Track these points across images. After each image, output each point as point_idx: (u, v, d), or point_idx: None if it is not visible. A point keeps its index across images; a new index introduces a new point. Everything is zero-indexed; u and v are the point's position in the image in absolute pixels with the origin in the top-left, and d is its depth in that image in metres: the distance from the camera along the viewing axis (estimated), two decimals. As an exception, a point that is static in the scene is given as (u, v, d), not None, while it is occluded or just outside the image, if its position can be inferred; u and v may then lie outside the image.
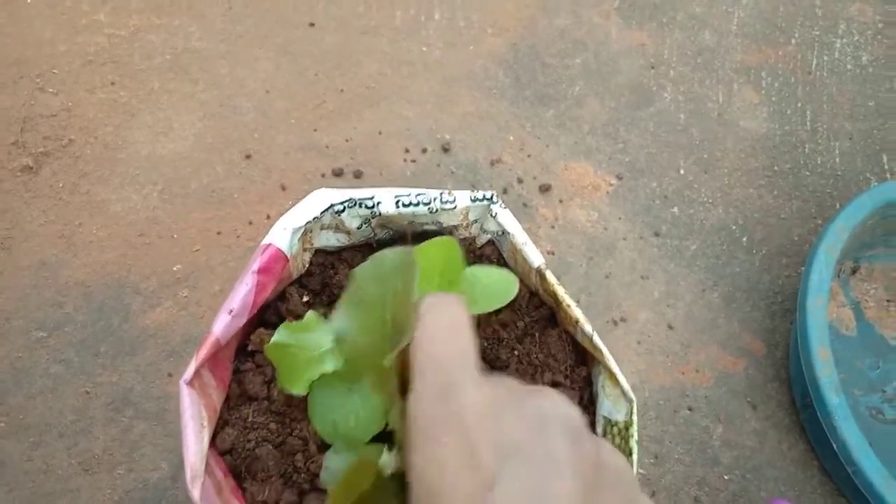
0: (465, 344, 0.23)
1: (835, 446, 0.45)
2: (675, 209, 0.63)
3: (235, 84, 0.64)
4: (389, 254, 0.27)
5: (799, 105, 0.71)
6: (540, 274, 0.35)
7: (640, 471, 0.51)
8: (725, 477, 0.52)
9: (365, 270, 0.27)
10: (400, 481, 0.29)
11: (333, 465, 0.29)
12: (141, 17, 0.66)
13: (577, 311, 0.34)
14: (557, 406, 0.21)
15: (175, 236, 0.56)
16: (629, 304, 0.58)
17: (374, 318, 0.26)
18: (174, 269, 0.55)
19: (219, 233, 0.57)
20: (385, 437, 0.30)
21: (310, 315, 0.31)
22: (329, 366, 0.29)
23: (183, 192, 0.58)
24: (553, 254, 0.59)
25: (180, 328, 0.52)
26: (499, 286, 0.33)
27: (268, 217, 0.57)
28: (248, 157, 0.60)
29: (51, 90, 0.61)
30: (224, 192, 0.58)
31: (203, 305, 0.53)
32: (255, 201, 0.58)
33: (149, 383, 0.50)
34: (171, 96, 0.62)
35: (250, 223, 0.57)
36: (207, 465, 0.29)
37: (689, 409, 0.54)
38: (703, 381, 0.55)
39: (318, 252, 0.37)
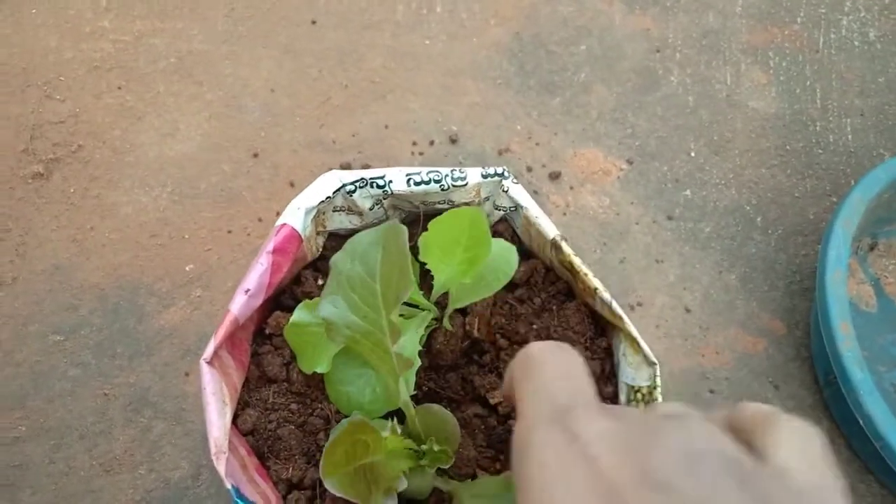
0: (583, 382, 0.20)
1: (861, 421, 0.44)
2: (688, 192, 0.62)
3: (240, 84, 0.64)
4: (363, 234, 0.27)
5: (808, 84, 0.70)
6: (555, 245, 0.35)
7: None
8: (750, 458, 0.51)
9: (342, 254, 0.27)
10: (408, 456, 0.29)
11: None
12: (144, 22, 0.67)
13: (594, 280, 0.34)
14: (709, 437, 0.16)
15: (186, 236, 0.56)
16: (645, 288, 0.57)
17: (362, 294, 0.26)
18: (186, 268, 0.55)
19: (229, 231, 0.57)
20: (400, 415, 0.30)
21: None
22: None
23: (192, 192, 0.58)
24: (566, 241, 0.59)
25: (195, 327, 0.52)
26: (499, 259, 0.33)
27: (277, 214, 0.57)
28: (255, 155, 0.60)
29: (58, 97, 0.61)
30: (233, 191, 0.58)
31: (217, 304, 0.53)
32: (265, 199, 0.58)
33: (166, 383, 0.50)
34: (176, 98, 0.62)
35: (260, 220, 0.57)
36: (231, 443, 0.29)
37: (711, 392, 0.53)
38: (724, 363, 0.54)
39: (332, 236, 0.37)
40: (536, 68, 0.68)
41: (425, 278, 0.35)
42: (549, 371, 0.20)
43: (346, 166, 0.60)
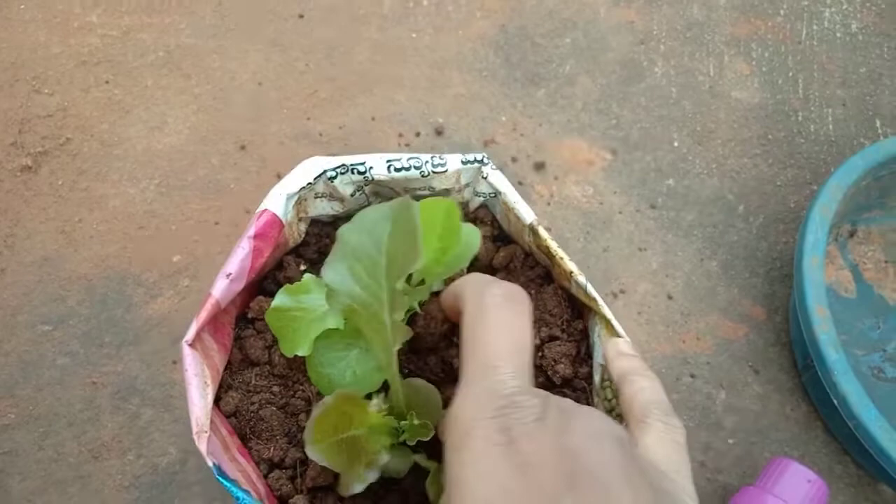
0: (527, 356, 0.23)
1: (835, 402, 0.45)
2: (671, 181, 0.63)
3: (227, 77, 0.64)
4: (372, 209, 0.27)
5: (790, 74, 0.71)
6: (533, 230, 0.35)
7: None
8: (730, 441, 0.52)
9: (350, 226, 0.28)
10: (389, 433, 0.29)
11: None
12: (132, 16, 0.67)
13: (570, 264, 0.34)
14: (606, 422, 0.21)
15: (174, 228, 0.57)
16: (628, 275, 0.58)
17: (366, 265, 0.26)
18: (174, 259, 0.55)
19: (217, 223, 0.57)
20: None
21: (307, 277, 0.32)
22: (330, 323, 0.30)
23: (180, 184, 0.59)
24: (550, 230, 0.59)
25: (182, 317, 0.53)
26: (463, 244, 0.33)
27: (265, 205, 0.58)
28: (242, 147, 0.61)
29: (46, 91, 0.62)
30: (220, 183, 0.59)
31: (204, 294, 0.54)
32: (252, 190, 0.59)
33: (154, 371, 0.51)
34: (164, 92, 0.63)
35: (247, 212, 0.58)
36: (213, 423, 0.29)
37: (692, 376, 0.54)
38: (705, 349, 0.55)
39: (314, 222, 0.38)
40: (522, 60, 0.68)
41: None
42: (499, 343, 0.23)
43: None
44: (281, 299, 0.33)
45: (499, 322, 0.23)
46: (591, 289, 0.34)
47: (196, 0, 0.68)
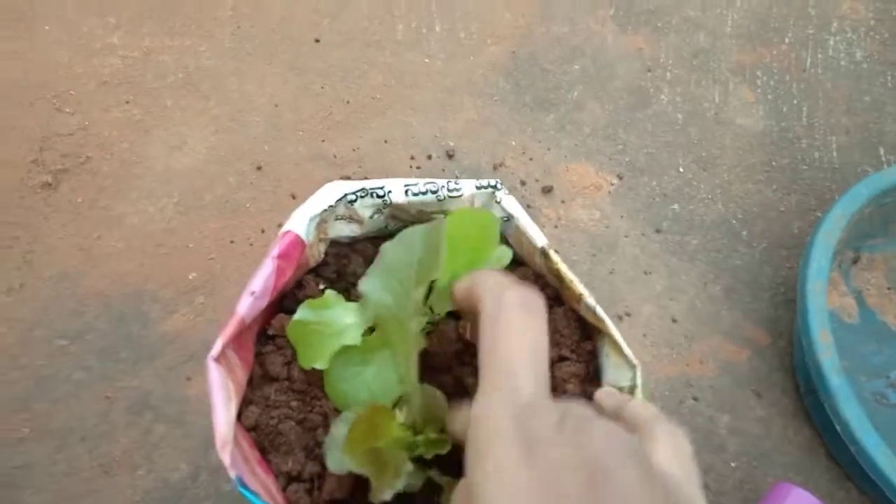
0: (544, 363, 0.23)
1: (838, 427, 0.46)
2: (676, 206, 0.64)
3: (245, 99, 0.66)
4: (416, 228, 0.29)
5: (795, 102, 0.72)
6: (544, 254, 0.37)
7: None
8: (732, 464, 0.52)
9: (393, 242, 0.30)
10: (406, 446, 0.30)
11: (338, 434, 0.31)
12: (153, 38, 0.69)
13: (580, 287, 0.35)
14: (623, 433, 0.21)
15: (190, 246, 0.58)
16: (633, 298, 0.59)
17: (399, 279, 0.28)
18: (190, 277, 0.57)
19: (232, 241, 0.59)
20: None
21: (329, 293, 0.33)
22: (349, 339, 0.31)
23: (197, 203, 0.60)
24: (557, 252, 0.60)
25: (198, 333, 0.54)
26: (493, 261, 0.35)
27: (279, 225, 0.59)
28: (259, 168, 0.62)
29: (68, 110, 0.64)
30: (237, 203, 0.60)
31: (219, 311, 0.55)
32: (267, 210, 0.60)
33: (168, 387, 0.52)
34: (183, 113, 0.65)
35: (262, 231, 0.59)
36: (235, 437, 0.30)
37: (695, 399, 0.55)
38: (708, 372, 0.56)
39: (333, 243, 0.39)
40: (531, 86, 0.70)
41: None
42: (517, 348, 0.23)
43: (347, 180, 0.62)
44: (303, 313, 0.34)
45: (517, 328, 0.24)
46: (600, 311, 0.35)
47: (215, 24, 0.70)
